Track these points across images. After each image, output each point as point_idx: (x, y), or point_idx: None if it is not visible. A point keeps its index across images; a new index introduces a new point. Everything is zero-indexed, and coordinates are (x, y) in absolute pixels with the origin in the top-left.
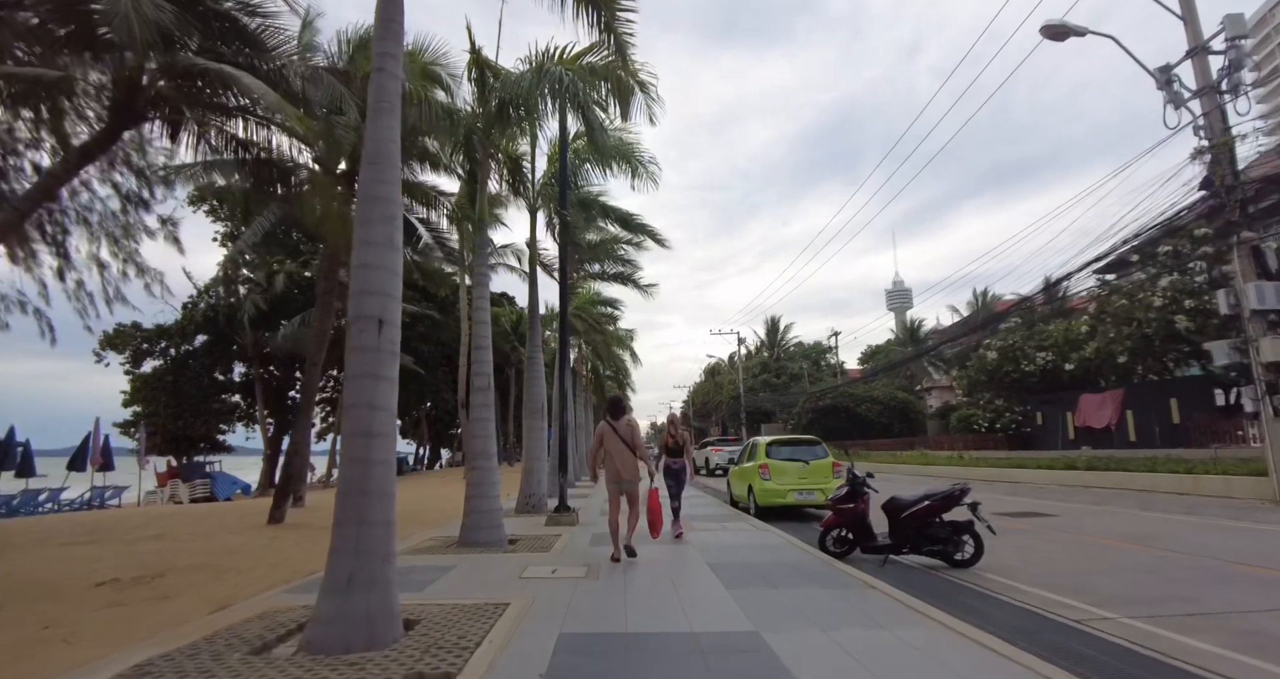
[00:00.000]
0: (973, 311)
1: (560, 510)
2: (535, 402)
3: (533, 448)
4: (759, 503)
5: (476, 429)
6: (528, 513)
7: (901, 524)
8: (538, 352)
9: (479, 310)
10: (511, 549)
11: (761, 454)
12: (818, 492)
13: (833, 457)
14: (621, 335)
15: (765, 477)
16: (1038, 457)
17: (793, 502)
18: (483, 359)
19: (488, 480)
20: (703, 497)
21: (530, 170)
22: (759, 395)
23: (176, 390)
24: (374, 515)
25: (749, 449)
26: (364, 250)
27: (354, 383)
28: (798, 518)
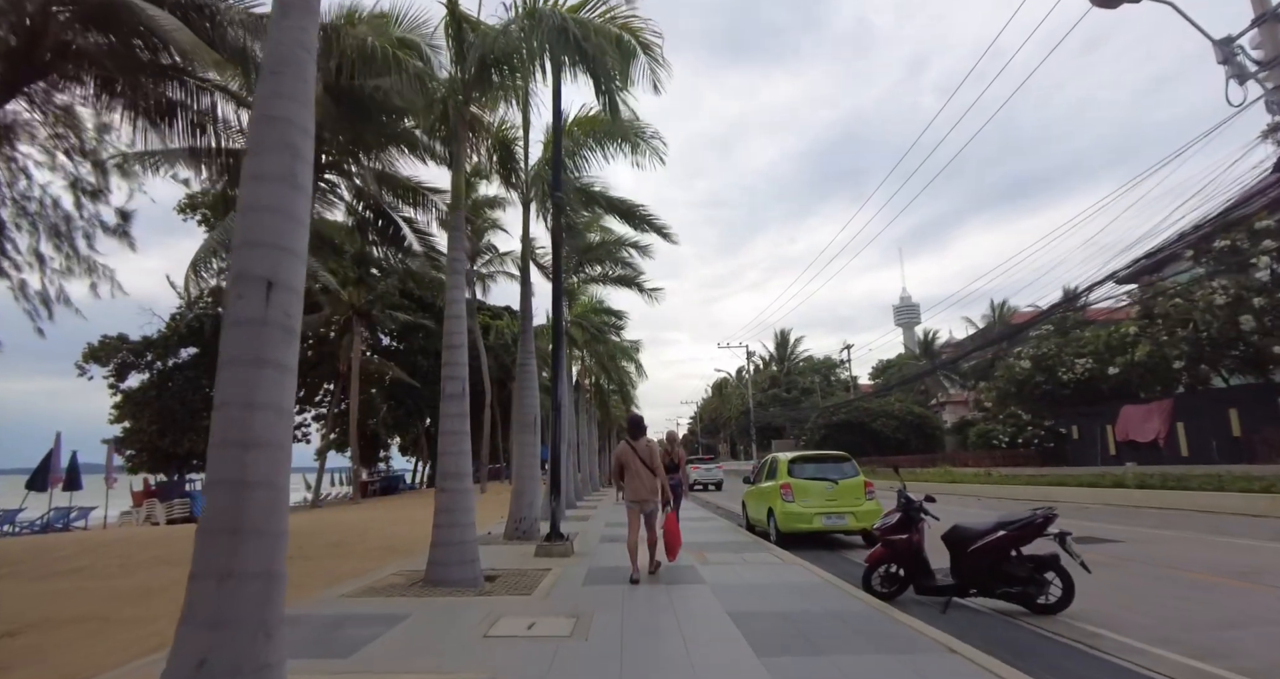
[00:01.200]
0: (989, 323)
1: (552, 538)
2: (527, 414)
3: (524, 466)
4: (781, 528)
5: (447, 444)
6: (518, 539)
7: (969, 560)
8: (530, 358)
9: (452, 302)
10: (487, 590)
11: (783, 473)
12: (849, 516)
13: (864, 475)
14: (626, 347)
15: (788, 498)
16: (1078, 473)
17: (820, 527)
18: (456, 361)
19: (459, 505)
20: (712, 519)
21: (523, 158)
22: (768, 410)
23: (162, 406)
24: (246, 564)
25: (767, 467)
26: (252, 188)
27: (227, 372)
28: (825, 545)
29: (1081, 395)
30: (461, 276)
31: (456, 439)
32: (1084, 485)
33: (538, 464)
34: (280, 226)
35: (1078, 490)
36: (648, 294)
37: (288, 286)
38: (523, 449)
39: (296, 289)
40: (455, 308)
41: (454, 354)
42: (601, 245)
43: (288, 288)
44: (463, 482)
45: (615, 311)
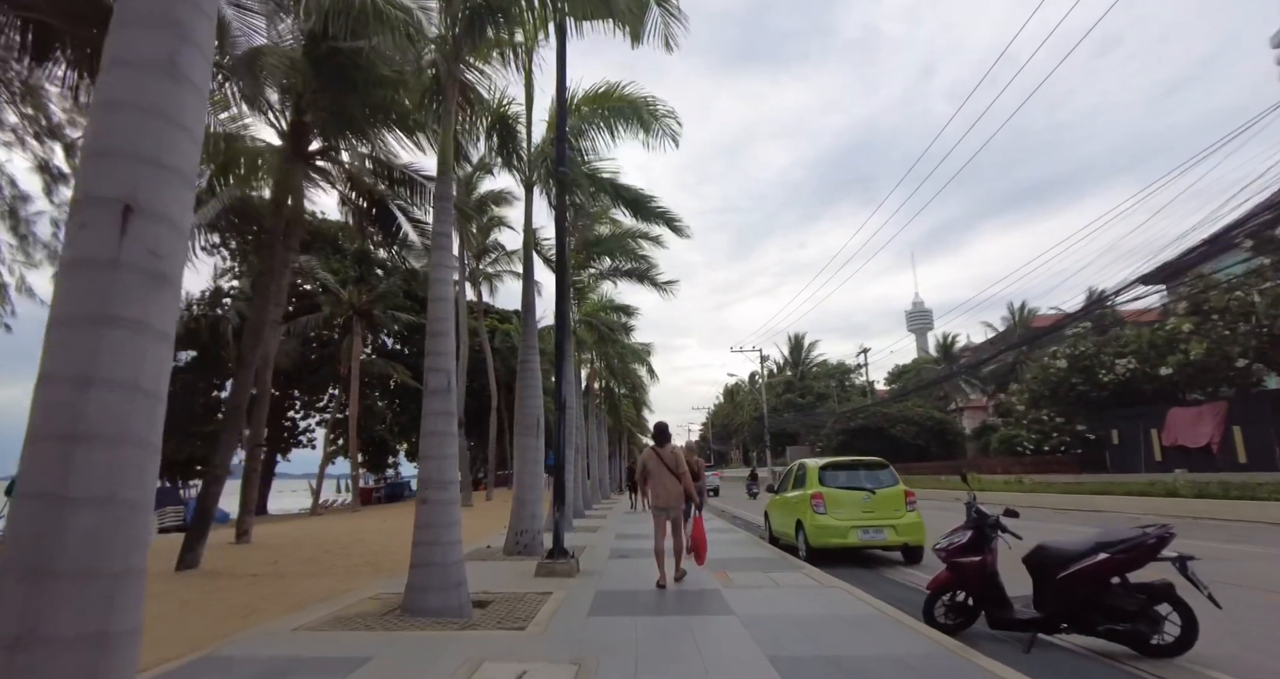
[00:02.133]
0: (1010, 327)
1: (554, 555)
2: (529, 415)
3: (526, 473)
4: (812, 543)
5: (429, 447)
6: (519, 554)
7: (1059, 588)
8: (533, 354)
9: (437, 282)
10: (473, 622)
11: (813, 481)
12: (888, 529)
13: (904, 484)
14: (638, 349)
15: (819, 509)
16: (1124, 480)
17: (856, 542)
18: (439, 350)
19: (442, 520)
20: (732, 531)
21: (526, 136)
22: (783, 416)
23: None
24: (57, 625)
25: (794, 474)
26: (112, 77)
27: (55, 335)
28: (861, 562)
29: (1120, 398)
30: (448, 253)
31: (440, 442)
32: (1131, 494)
33: (541, 471)
34: (149, 130)
35: (1124, 500)
36: (661, 288)
37: (157, 215)
38: (524, 454)
39: (174, 221)
40: (440, 288)
41: (437, 342)
42: (611, 238)
43: (157, 217)
44: (446, 491)
45: (626, 308)
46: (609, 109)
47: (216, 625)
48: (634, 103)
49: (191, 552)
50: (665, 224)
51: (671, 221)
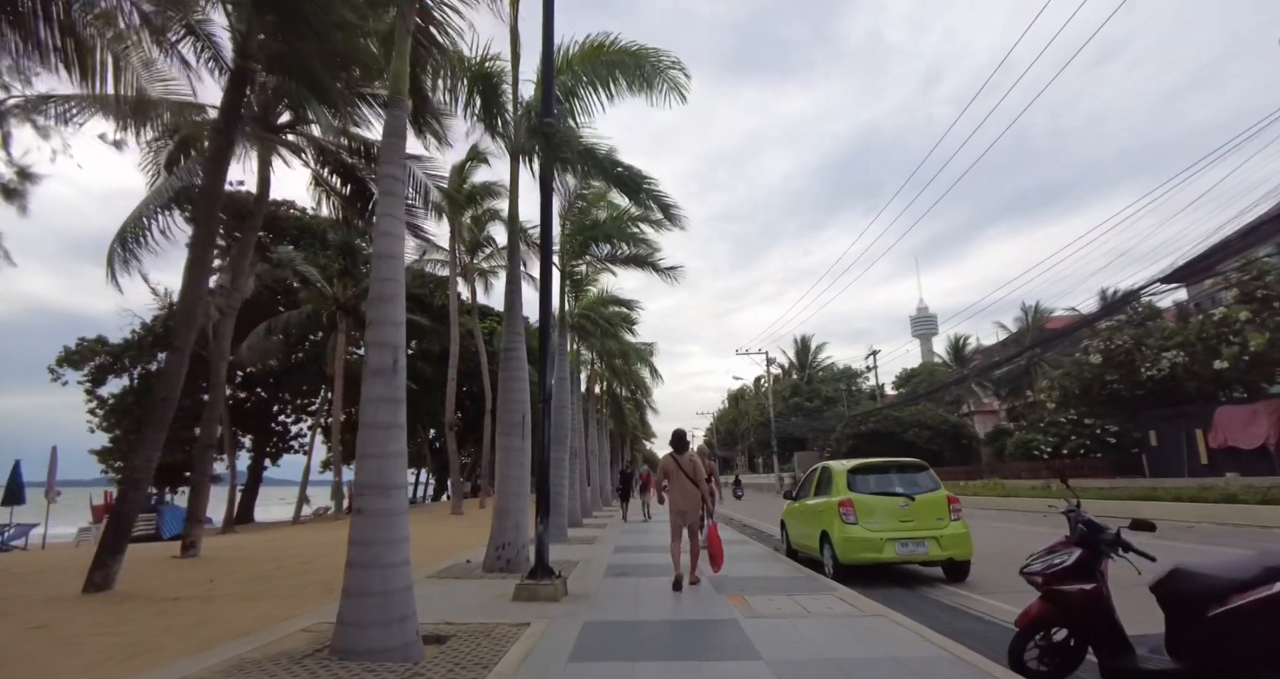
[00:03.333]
0: (1022, 328)
1: (538, 576)
2: (512, 412)
3: (509, 478)
4: (841, 558)
5: (368, 443)
6: (500, 571)
7: (1214, 629)
8: (519, 342)
9: (384, 235)
10: (418, 669)
11: (841, 486)
12: (929, 541)
13: (947, 490)
14: (640, 348)
15: (849, 519)
16: (1171, 485)
17: (892, 557)
18: (385, 319)
19: (384, 535)
20: (745, 543)
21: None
22: (789, 420)
23: (144, 414)
24: None
25: (817, 478)
26: None
27: None
28: (896, 578)
29: (1158, 396)
30: (399, 200)
31: (383, 437)
32: (1181, 499)
33: (527, 475)
34: None
35: (1173, 506)
36: (664, 273)
37: None
38: (507, 456)
39: None
40: (387, 243)
41: (383, 309)
42: (609, 220)
43: None
44: (390, 499)
45: (627, 302)
46: (607, 62)
47: (80, 674)
48: (635, 54)
49: (103, 570)
50: (660, 209)
51: (667, 207)
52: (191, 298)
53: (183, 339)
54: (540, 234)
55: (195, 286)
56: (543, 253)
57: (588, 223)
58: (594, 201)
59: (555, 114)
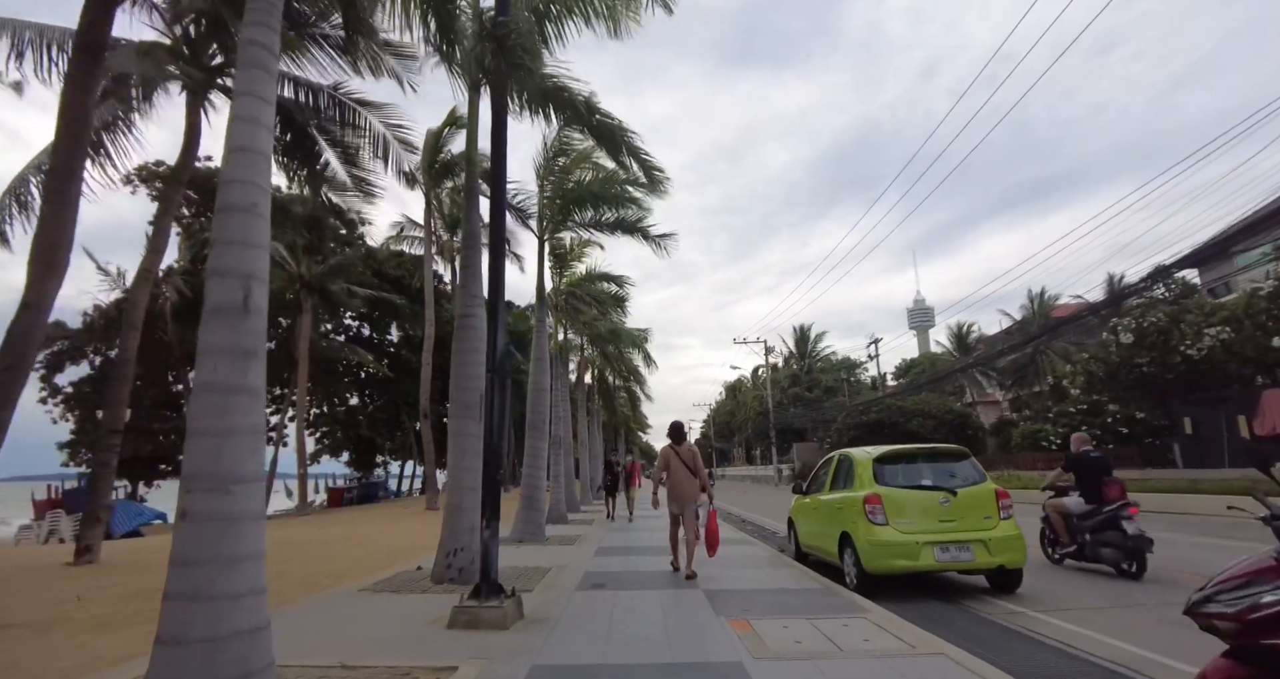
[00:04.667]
0: (1028, 316)
1: (480, 595)
2: (468, 391)
3: (462, 470)
4: (868, 566)
5: (202, 412)
6: (450, 583)
7: None
8: (475, 307)
9: (243, 125)
10: None
11: (866, 478)
12: (975, 546)
13: (994, 482)
14: (633, 333)
15: (877, 519)
16: (1214, 476)
17: (931, 565)
18: (232, 238)
19: (218, 550)
20: (746, 543)
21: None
22: (788, 411)
23: (102, 403)
24: None
25: (833, 470)
26: None
27: None
28: (927, 588)
29: (1189, 380)
30: (268, 77)
31: (222, 404)
32: (1232, 492)
33: (479, 467)
34: None
35: (1220, 499)
36: (655, 242)
37: None
38: (461, 443)
39: None
40: (247, 133)
41: (232, 225)
42: (593, 182)
43: None
44: (232, 499)
45: (616, 278)
46: None
47: None
48: None
49: None
50: (641, 169)
51: (650, 166)
52: (48, 244)
53: (35, 290)
54: (492, 162)
55: (54, 229)
56: (494, 183)
57: (569, 187)
58: (576, 163)
59: (513, 22)
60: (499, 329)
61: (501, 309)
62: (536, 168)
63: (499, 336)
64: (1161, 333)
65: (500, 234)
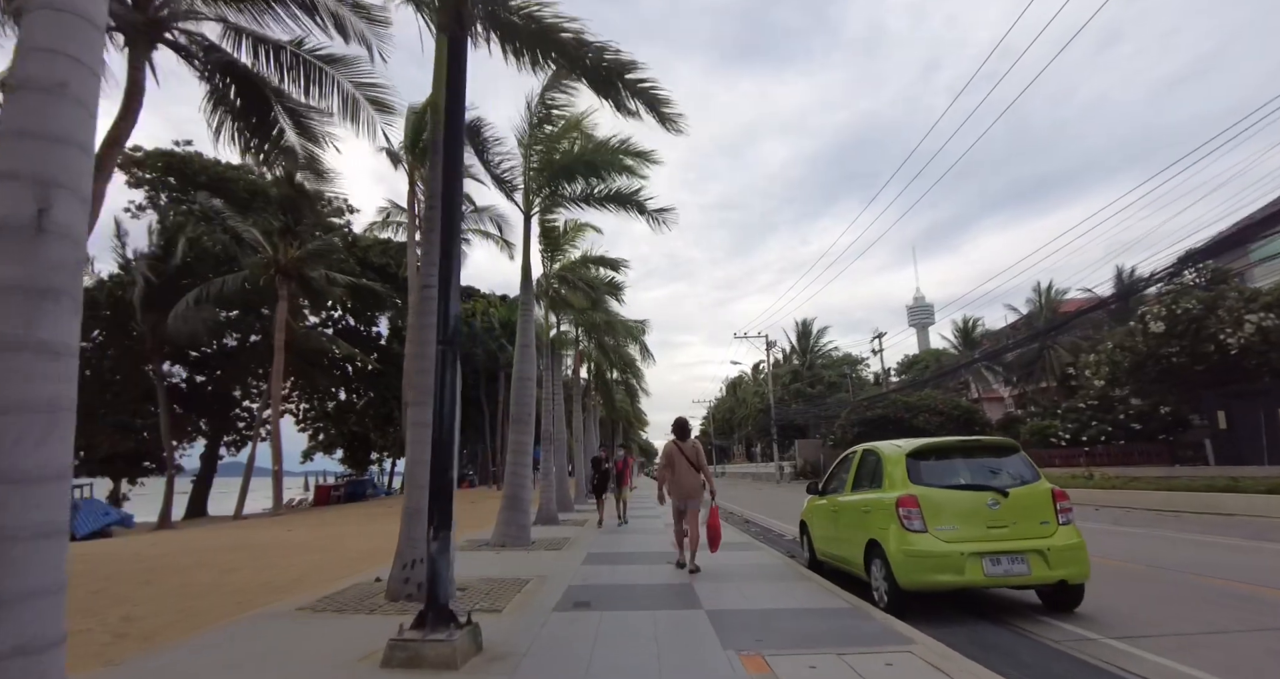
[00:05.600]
0: (1034, 310)
1: (424, 624)
2: (427, 373)
3: (418, 468)
4: (903, 580)
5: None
6: (407, 599)
7: None
8: (433, 274)
9: None
10: None
11: (899, 476)
12: (1031, 556)
13: (1048, 481)
14: (631, 325)
15: (913, 524)
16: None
17: (978, 580)
18: (28, 126)
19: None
20: (752, 548)
21: None
22: (790, 407)
23: None
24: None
25: (855, 466)
26: None
27: None
28: (975, 606)
29: (1221, 372)
30: None
31: (27, 374)
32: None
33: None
34: None
35: (1269, 499)
36: (652, 217)
37: None
38: (419, 434)
39: None
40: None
41: (29, 108)
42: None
43: None
44: (23, 505)
45: (612, 262)
46: None
47: None
48: None
49: None
50: (648, 107)
51: (656, 101)
52: None
53: None
54: (447, 98)
55: None
56: (449, 123)
57: (556, 156)
58: (565, 131)
59: None
60: (451, 295)
61: (455, 271)
62: (519, 135)
63: (451, 303)
64: (1194, 320)
65: (454, 182)
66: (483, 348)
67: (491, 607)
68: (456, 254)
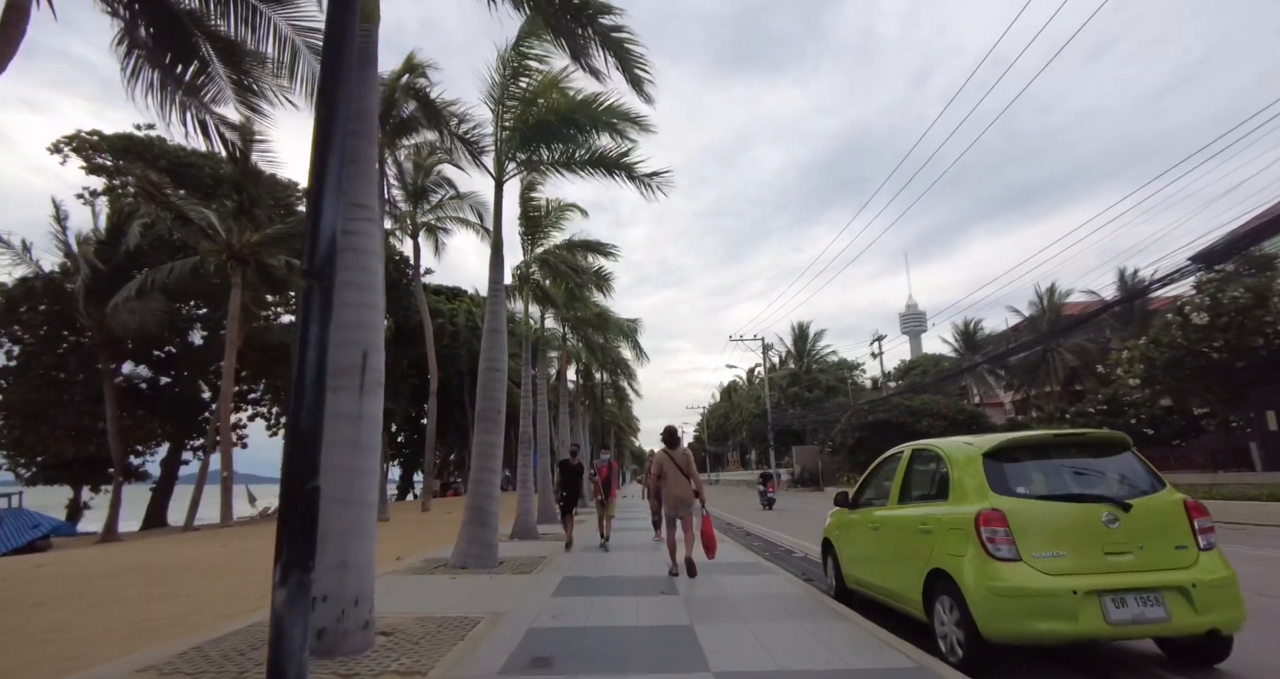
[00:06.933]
0: (1037, 312)
1: None
2: (349, 345)
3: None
4: (989, 630)
5: None
6: (321, 658)
7: None
8: (365, 222)
9: None
10: None
11: (975, 484)
12: (1169, 595)
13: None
14: (622, 322)
15: (1000, 550)
16: None
17: (1099, 628)
18: None
19: None
20: (759, 572)
21: None
22: (787, 412)
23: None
24: None
25: (902, 469)
26: None
27: None
28: (1079, 659)
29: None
30: None
31: None
32: None
33: (372, 466)
34: None
35: None
36: (643, 183)
37: None
38: (335, 429)
39: None
40: None
41: None
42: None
43: None
44: None
45: (599, 246)
46: None
47: None
48: None
49: None
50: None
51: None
52: None
53: None
54: None
55: None
56: None
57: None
58: (545, 89)
59: None
60: (325, 202)
61: (331, 177)
62: (490, 89)
63: (323, 217)
64: (1241, 311)
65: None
66: (466, 348)
67: (413, 667)
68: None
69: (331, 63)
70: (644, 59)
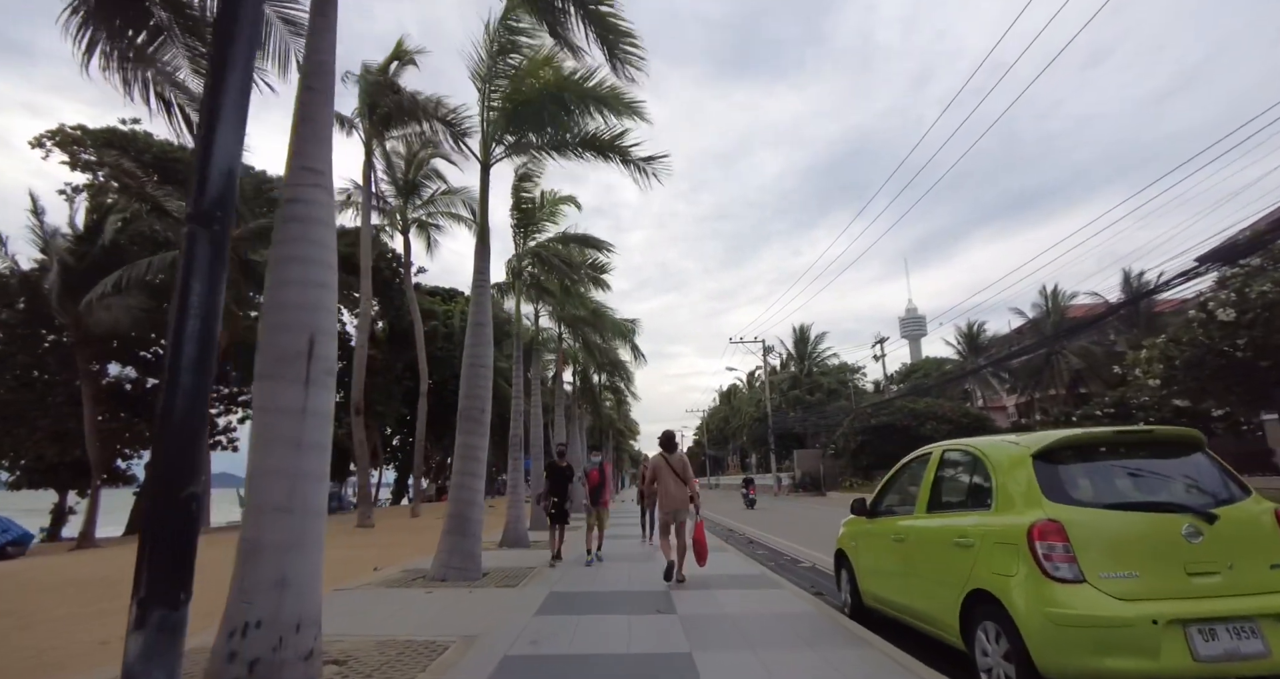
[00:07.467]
0: (1041, 314)
1: None
2: (286, 340)
3: (270, 478)
4: (1048, 666)
5: None
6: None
7: None
8: (314, 189)
9: None
10: None
11: (1026, 490)
12: (1267, 624)
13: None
14: (620, 322)
15: (1060, 569)
16: None
17: (1186, 666)
18: None
19: None
20: (763, 586)
21: None
22: (788, 415)
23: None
24: None
25: (932, 474)
26: None
27: None
28: None
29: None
30: None
31: None
32: None
33: (321, 470)
34: None
35: None
36: (637, 167)
37: None
38: (269, 427)
39: None
40: None
41: None
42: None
43: None
44: None
45: (595, 241)
46: None
47: None
48: None
49: None
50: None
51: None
52: None
53: None
54: None
55: None
56: None
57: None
58: (534, 68)
59: None
60: (220, 128)
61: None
62: (476, 66)
63: (217, 146)
64: (1269, 307)
65: None
66: (461, 350)
67: None
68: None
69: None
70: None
